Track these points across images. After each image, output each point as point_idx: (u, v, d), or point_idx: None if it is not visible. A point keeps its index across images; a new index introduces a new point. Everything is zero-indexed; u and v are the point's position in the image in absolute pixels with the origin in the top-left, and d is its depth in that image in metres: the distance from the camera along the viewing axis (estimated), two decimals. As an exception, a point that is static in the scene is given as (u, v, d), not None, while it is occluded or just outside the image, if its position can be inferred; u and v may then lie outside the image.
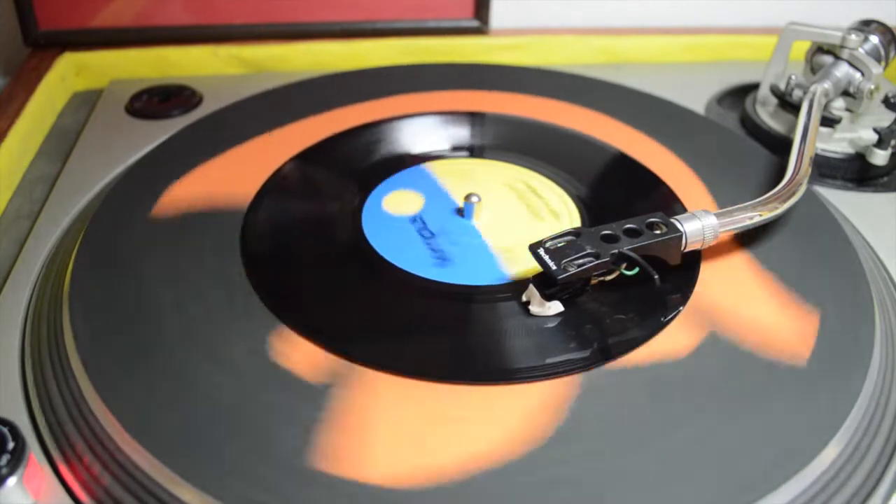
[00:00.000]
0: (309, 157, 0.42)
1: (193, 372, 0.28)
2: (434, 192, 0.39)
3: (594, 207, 0.39)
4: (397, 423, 0.27)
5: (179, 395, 0.27)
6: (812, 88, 0.44)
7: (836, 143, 0.45)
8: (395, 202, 0.38)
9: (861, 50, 0.45)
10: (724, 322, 0.32)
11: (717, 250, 0.35)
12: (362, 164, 0.42)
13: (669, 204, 0.39)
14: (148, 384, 0.28)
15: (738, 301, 0.33)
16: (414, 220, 0.37)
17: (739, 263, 0.35)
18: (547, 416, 0.27)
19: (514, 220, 0.38)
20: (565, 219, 0.38)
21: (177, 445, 0.25)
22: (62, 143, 0.47)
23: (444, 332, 0.31)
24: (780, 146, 0.44)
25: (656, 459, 0.26)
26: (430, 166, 0.41)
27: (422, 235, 0.36)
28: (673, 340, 0.31)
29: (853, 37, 0.44)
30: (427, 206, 0.38)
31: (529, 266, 0.34)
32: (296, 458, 0.25)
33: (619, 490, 0.25)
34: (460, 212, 0.38)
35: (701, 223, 0.32)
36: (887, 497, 0.27)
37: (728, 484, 0.25)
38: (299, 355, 0.29)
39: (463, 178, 0.41)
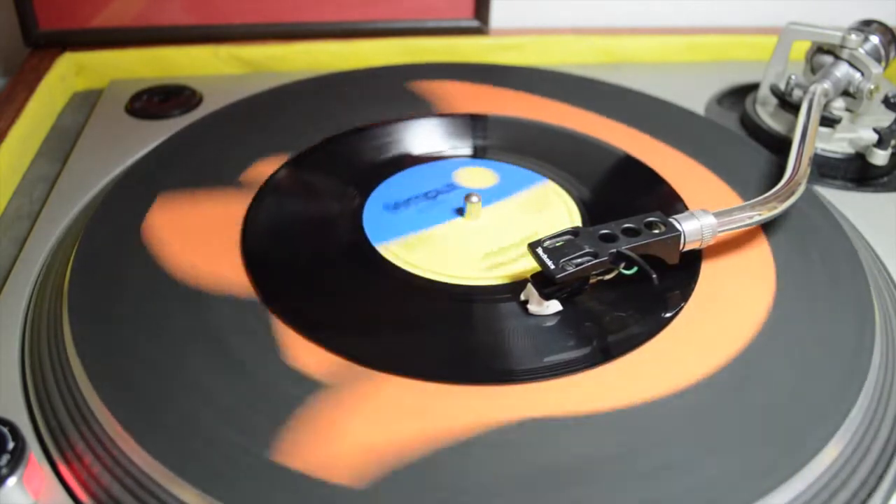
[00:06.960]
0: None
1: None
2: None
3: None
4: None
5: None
6: (812, 88, 0.44)
7: (836, 143, 0.45)
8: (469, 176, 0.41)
9: (861, 50, 0.45)
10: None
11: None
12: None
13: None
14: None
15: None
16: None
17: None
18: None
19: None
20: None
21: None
22: (62, 143, 0.47)
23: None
24: (780, 146, 0.44)
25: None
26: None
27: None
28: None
29: (853, 37, 0.44)
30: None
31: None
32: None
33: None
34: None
35: (699, 223, 0.32)
36: (888, 496, 0.27)
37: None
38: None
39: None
